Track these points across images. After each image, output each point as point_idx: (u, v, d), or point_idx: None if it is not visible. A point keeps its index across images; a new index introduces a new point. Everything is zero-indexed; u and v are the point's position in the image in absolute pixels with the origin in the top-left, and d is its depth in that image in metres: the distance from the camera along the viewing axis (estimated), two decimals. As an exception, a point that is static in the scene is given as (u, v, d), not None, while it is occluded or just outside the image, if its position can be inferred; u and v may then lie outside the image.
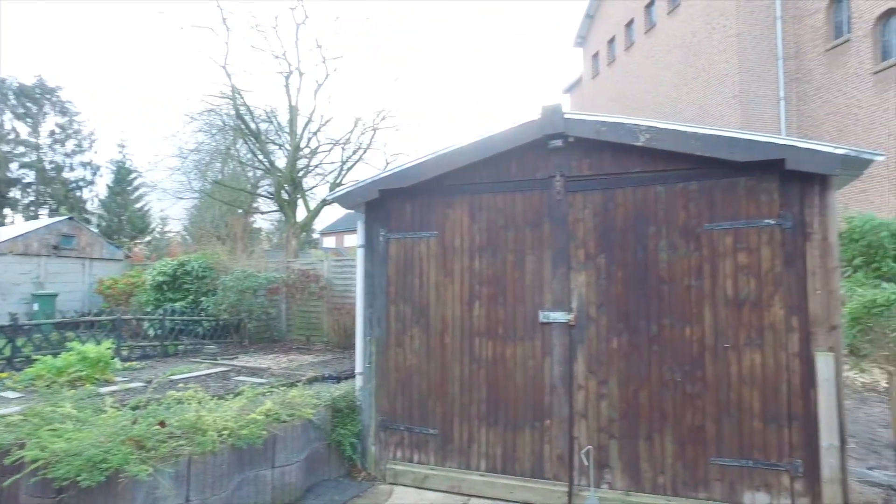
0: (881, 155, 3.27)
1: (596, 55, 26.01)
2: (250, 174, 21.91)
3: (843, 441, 3.44)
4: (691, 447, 3.76)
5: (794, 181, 3.53)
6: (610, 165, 3.97)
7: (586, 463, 3.96)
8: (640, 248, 3.89)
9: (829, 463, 3.44)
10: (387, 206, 4.68)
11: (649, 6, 21.45)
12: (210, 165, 21.06)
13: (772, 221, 3.60)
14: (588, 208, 4.03)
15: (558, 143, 4.04)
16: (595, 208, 4.01)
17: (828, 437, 3.44)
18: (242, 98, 18.30)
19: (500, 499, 4.16)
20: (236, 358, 9.05)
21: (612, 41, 24.44)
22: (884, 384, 7.85)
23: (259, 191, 22.11)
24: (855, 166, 3.39)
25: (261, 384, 6.08)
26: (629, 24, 22.87)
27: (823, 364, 3.46)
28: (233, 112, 18.44)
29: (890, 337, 8.00)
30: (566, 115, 3.96)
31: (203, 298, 11.15)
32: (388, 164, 19.26)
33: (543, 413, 4.11)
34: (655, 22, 21.06)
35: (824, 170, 3.38)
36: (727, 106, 17.03)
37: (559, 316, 4.06)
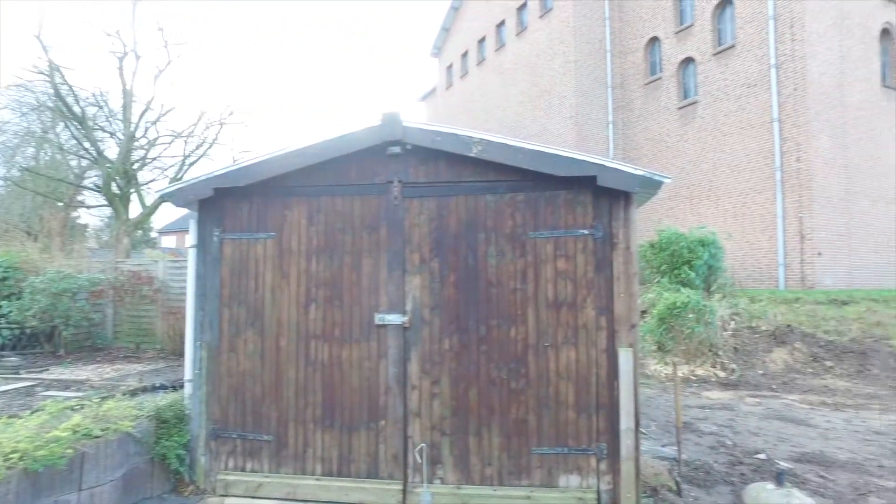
0: (668, 178, 3.83)
1: (450, 67, 26.98)
2: (74, 163, 19.50)
3: (637, 424, 3.93)
4: (516, 439, 4.06)
5: (604, 196, 3.99)
6: (445, 174, 4.18)
7: (420, 460, 4.09)
8: (472, 254, 4.13)
9: (626, 444, 3.91)
10: (222, 205, 4.46)
11: (500, 26, 22.75)
12: (19, 149, 18.41)
13: (586, 231, 4.02)
14: (424, 214, 4.19)
15: (397, 149, 4.15)
16: (430, 214, 4.19)
17: (626, 421, 3.91)
18: (63, 76, 16.26)
19: (335, 502, 4.14)
20: (46, 370, 8.00)
21: (465, 55, 25.51)
22: (680, 374, 9.06)
23: (84, 182, 19.75)
24: (651, 186, 3.91)
25: (73, 398, 5.45)
26: (482, 40, 24.06)
27: (625, 358, 3.93)
28: (51, 91, 16.32)
29: (686, 334, 9.27)
30: (405, 124, 4.09)
31: (3, 303, 9.72)
32: (234, 161, 18.24)
33: (379, 414, 4.18)
34: (505, 42, 22.38)
35: (627, 187, 3.86)
36: (565, 125, 18.58)
37: (394, 318, 4.16)
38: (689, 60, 16.81)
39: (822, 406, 7.57)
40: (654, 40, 17.98)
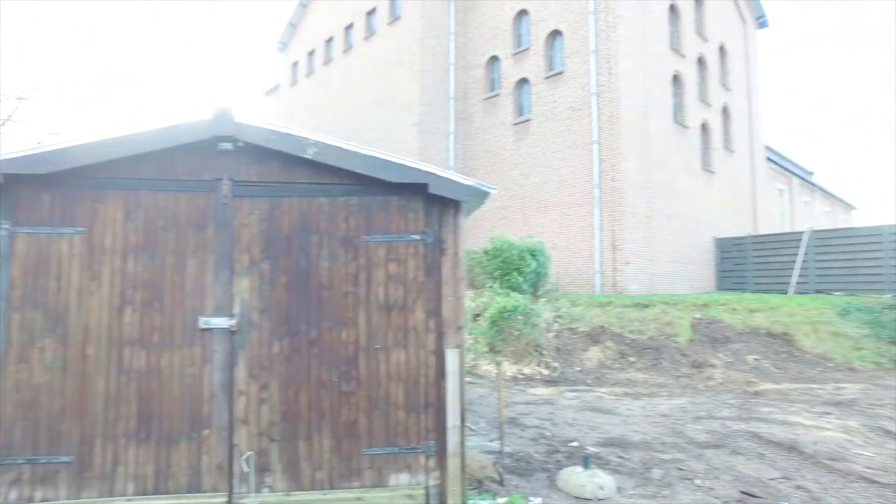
0: (494, 189, 4.15)
1: (296, 64, 26.24)
2: None
3: (463, 421, 4.17)
4: (346, 441, 4.08)
5: (436, 204, 4.19)
6: (279, 174, 4.09)
7: (247, 469, 3.94)
8: (304, 256, 4.09)
9: (453, 440, 4.12)
10: (14, 193, 3.91)
11: (349, 28, 22.64)
12: None
13: (417, 237, 4.19)
14: (255, 214, 4.06)
15: (228, 146, 3.98)
16: (262, 214, 4.07)
17: (453, 419, 4.12)
18: None
19: (149, 522, 3.84)
20: None
21: (312, 53, 24.98)
22: (510, 374, 9.73)
23: None
24: (479, 196, 4.19)
25: None
26: (329, 40, 23.74)
27: (452, 358, 4.15)
28: None
29: (515, 336, 9.97)
30: (237, 120, 3.93)
31: None
32: (39, 144, 15.95)
33: (202, 423, 3.96)
34: (353, 44, 22.32)
35: (457, 196, 4.10)
36: (408, 133, 19.00)
37: (221, 321, 3.97)
38: (524, 81, 18.16)
39: (625, 396, 8.60)
40: (494, 58, 19.14)
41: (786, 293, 15.65)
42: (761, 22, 23.76)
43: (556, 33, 17.35)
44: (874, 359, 11.24)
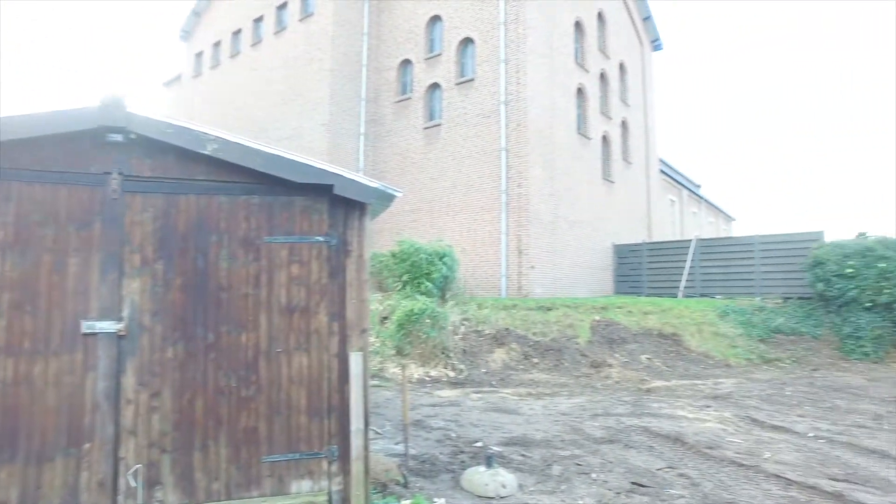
0: (400, 192, 4.16)
1: (200, 54, 24.98)
2: None
3: (366, 425, 4.14)
4: (245, 449, 3.92)
5: (341, 205, 4.13)
6: (175, 170, 3.87)
7: (134, 484, 3.69)
8: (202, 256, 3.90)
9: (356, 444, 4.08)
10: None
11: (258, 21, 21.88)
12: None
13: (321, 238, 4.11)
14: (148, 211, 3.81)
15: (118, 138, 3.71)
16: (156, 212, 3.83)
17: (356, 422, 4.08)
18: None
19: (14, 549, 3.48)
20: None
21: (218, 45, 23.89)
22: (416, 376, 9.77)
23: None
24: (385, 199, 4.19)
25: None
26: (237, 32, 22.81)
27: (355, 362, 4.11)
28: None
29: (422, 339, 10.03)
30: (129, 110, 3.68)
31: None
32: None
33: (83, 436, 3.65)
34: (262, 38, 21.58)
35: (363, 198, 4.07)
36: (318, 132, 18.64)
37: (107, 325, 3.69)
38: (436, 86, 18.36)
39: (528, 396, 8.88)
40: (406, 62, 19.21)
41: (676, 297, 16.85)
42: (656, 45, 25.50)
43: (467, 41, 17.70)
44: (746, 355, 12.37)
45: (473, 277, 15.94)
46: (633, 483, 4.84)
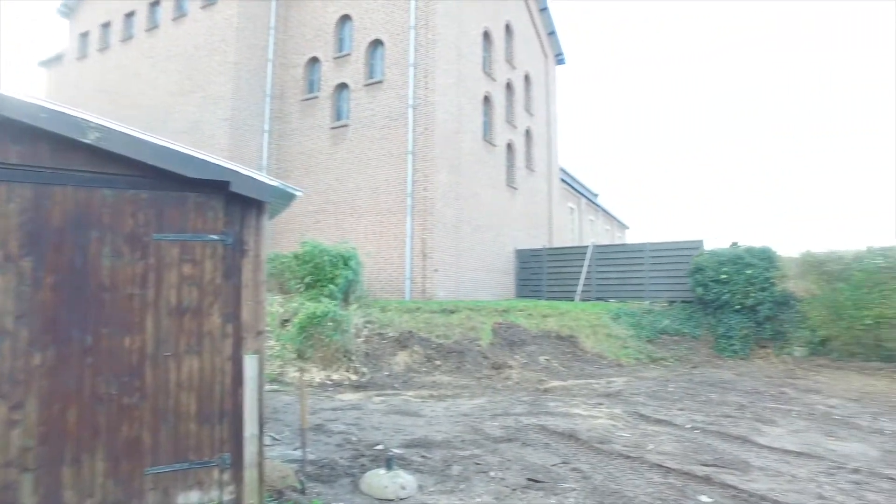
0: (300, 192, 4.06)
1: (86, 35, 23.04)
2: None
3: (261, 430, 3.99)
4: (126, 461, 3.66)
5: (237, 203, 3.96)
6: (49, 158, 3.53)
7: (-16, 509, 3.32)
8: (81, 253, 3.59)
9: (250, 451, 3.92)
10: None
11: (154, 5, 20.58)
12: None
13: (216, 237, 3.92)
14: (14, 202, 3.45)
15: (-21, 120, 3.35)
16: (24, 203, 3.47)
17: (250, 428, 3.92)
18: None
19: None
20: None
21: (107, 26, 22.16)
22: (318, 380, 9.56)
23: None
24: (284, 197, 4.07)
25: None
26: (130, 14, 21.30)
27: (250, 365, 3.95)
28: None
29: (324, 342, 9.83)
30: (-5, 90, 3.33)
31: None
32: None
33: (-74, 456, 3.24)
34: (159, 24, 20.31)
35: (261, 196, 3.93)
36: (219, 127, 17.80)
37: (-42, 330, 3.30)
38: (343, 86, 18.12)
39: (430, 399, 8.95)
40: (314, 60, 18.80)
41: (573, 300, 17.66)
42: (559, 59, 26.68)
43: (377, 43, 17.62)
44: (636, 355, 13.22)
45: (378, 280, 15.86)
46: (529, 479, 5.02)
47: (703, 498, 4.46)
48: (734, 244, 15.26)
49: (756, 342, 14.00)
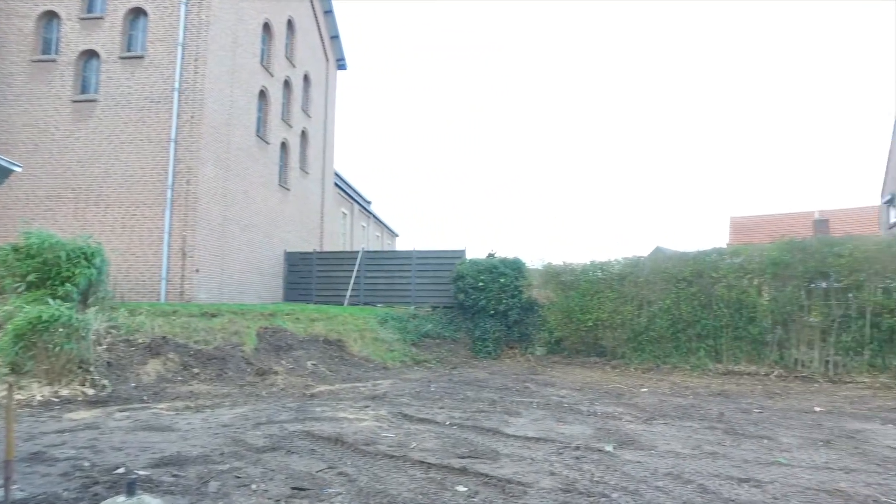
0: (19, 166, 3.42)
1: None
2: None
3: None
4: None
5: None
6: None
7: None
8: None
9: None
10: None
11: None
12: None
13: None
14: None
15: None
16: None
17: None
18: None
19: None
20: None
21: None
22: (40, 398, 8.08)
23: None
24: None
25: None
26: None
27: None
28: None
29: (53, 352, 8.35)
30: None
31: None
32: None
33: None
34: None
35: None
36: None
37: None
38: (93, 53, 15.67)
39: (186, 410, 8.19)
40: (52, 15, 15.90)
41: (342, 304, 17.80)
42: (341, 64, 26.81)
43: (139, 12, 15.66)
44: (401, 358, 13.87)
45: (127, 280, 14.00)
46: (294, 488, 4.92)
47: (460, 487, 4.88)
48: (491, 254, 16.99)
49: (506, 343, 15.80)
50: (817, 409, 8.70)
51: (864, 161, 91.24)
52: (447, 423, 7.56)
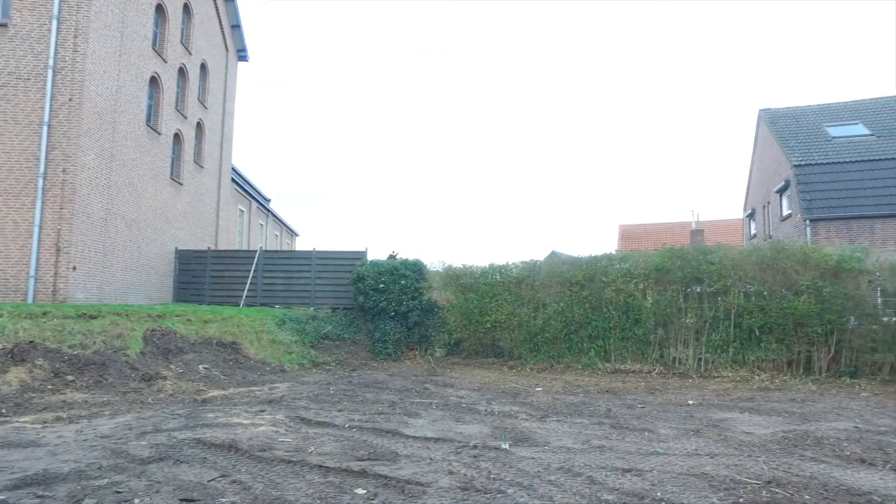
0: None
1: None
2: None
3: None
4: None
5: None
6: None
7: None
8: None
9: None
10: None
11: None
12: None
13: None
14: None
15: None
16: None
17: None
18: None
19: None
20: None
21: None
22: None
23: None
24: None
25: None
26: None
27: None
28: None
29: None
30: None
31: None
32: None
33: None
34: None
35: None
36: None
37: None
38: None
39: (56, 422, 7.45)
40: None
41: (238, 305, 17.01)
42: (242, 56, 25.64)
43: (3, -25, 14.08)
44: (299, 360, 13.48)
45: (-14, 277, 12.55)
46: (183, 500, 4.63)
47: (359, 490, 4.82)
48: (392, 256, 16.95)
49: (406, 345, 15.82)
50: (690, 402, 9.49)
51: (736, 175, 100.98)
52: (346, 425, 7.45)
